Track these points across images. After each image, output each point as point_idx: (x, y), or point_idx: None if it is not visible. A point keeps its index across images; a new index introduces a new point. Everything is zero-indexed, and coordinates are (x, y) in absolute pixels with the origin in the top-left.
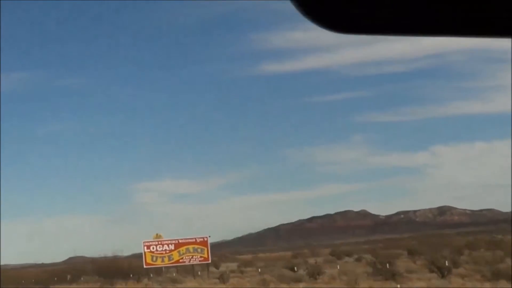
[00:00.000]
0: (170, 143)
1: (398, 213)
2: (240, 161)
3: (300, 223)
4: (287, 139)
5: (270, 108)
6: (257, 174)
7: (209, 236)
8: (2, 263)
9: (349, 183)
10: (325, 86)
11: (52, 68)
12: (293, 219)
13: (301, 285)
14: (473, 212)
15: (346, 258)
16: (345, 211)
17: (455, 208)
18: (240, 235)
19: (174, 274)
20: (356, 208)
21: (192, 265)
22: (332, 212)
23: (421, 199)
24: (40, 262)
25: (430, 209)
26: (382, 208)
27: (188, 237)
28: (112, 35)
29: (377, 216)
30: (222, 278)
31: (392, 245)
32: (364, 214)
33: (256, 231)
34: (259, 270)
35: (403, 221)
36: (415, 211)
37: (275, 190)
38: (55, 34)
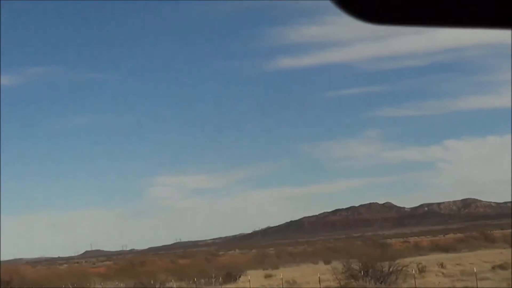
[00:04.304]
0: (187, 138)
1: (422, 206)
2: (257, 155)
3: (325, 216)
4: (302, 134)
5: (287, 103)
6: (273, 168)
7: None
8: (17, 257)
9: (367, 177)
10: (341, 81)
11: (71, 63)
12: (316, 212)
13: None
14: (498, 204)
15: None
16: (370, 204)
17: (480, 201)
18: (258, 228)
19: None
20: (381, 200)
21: None
22: (356, 204)
23: (441, 192)
24: (56, 255)
25: (454, 202)
26: (406, 200)
27: None
28: (131, 31)
29: (402, 208)
30: None
31: None
32: (389, 206)
33: (278, 224)
34: None
35: (428, 214)
36: (439, 204)
37: (292, 184)
38: (75, 30)
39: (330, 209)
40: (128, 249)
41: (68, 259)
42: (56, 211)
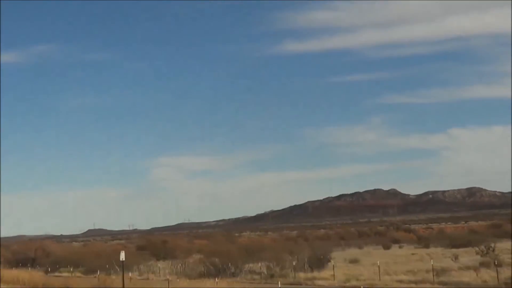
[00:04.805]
0: (189, 119)
1: (426, 193)
2: (261, 139)
3: (329, 201)
4: (306, 119)
5: (291, 88)
6: (277, 152)
7: None
8: (19, 233)
9: (372, 163)
10: (347, 67)
11: (74, 42)
12: (320, 196)
13: None
14: (503, 194)
15: None
16: (375, 190)
17: (485, 190)
18: (262, 211)
19: None
20: (385, 187)
21: None
22: (361, 190)
23: (445, 180)
24: (59, 233)
25: (459, 190)
26: (410, 187)
27: None
28: (136, 11)
29: (407, 195)
30: None
31: None
32: (394, 193)
33: (281, 208)
34: None
35: (432, 201)
36: (443, 192)
37: (296, 168)
38: (78, 8)
39: (334, 194)
40: (129, 228)
41: (72, 237)
42: (58, 190)
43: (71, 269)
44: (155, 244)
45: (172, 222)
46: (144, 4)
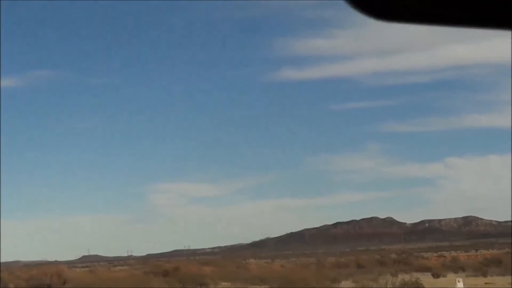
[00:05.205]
0: (189, 145)
1: (423, 222)
2: (259, 166)
3: (325, 228)
4: (304, 146)
5: (289, 115)
6: (274, 179)
7: None
8: (14, 259)
9: (368, 191)
10: (345, 95)
11: (74, 67)
12: (316, 224)
13: None
14: (499, 223)
15: None
16: (371, 218)
17: (481, 219)
18: (258, 239)
19: None
20: (382, 215)
21: None
22: (357, 218)
23: (442, 209)
24: (53, 259)
25: (455, 219)
26: (407, 216)
27: None
28: (135, 35)
29: (404, 224)
30: None
31: None
32: (390, 221)
33: (278, 235)
34: None
35: (429, 230)
36: (440, 220)
37: (293, 196)
38: (81, 33)
39: (331, 222)
40: (127, 255)
41: (68, 263)
42: (53, 215)
43: None
44: (167, 271)
45: (169, 248)
46: (145, 28)
